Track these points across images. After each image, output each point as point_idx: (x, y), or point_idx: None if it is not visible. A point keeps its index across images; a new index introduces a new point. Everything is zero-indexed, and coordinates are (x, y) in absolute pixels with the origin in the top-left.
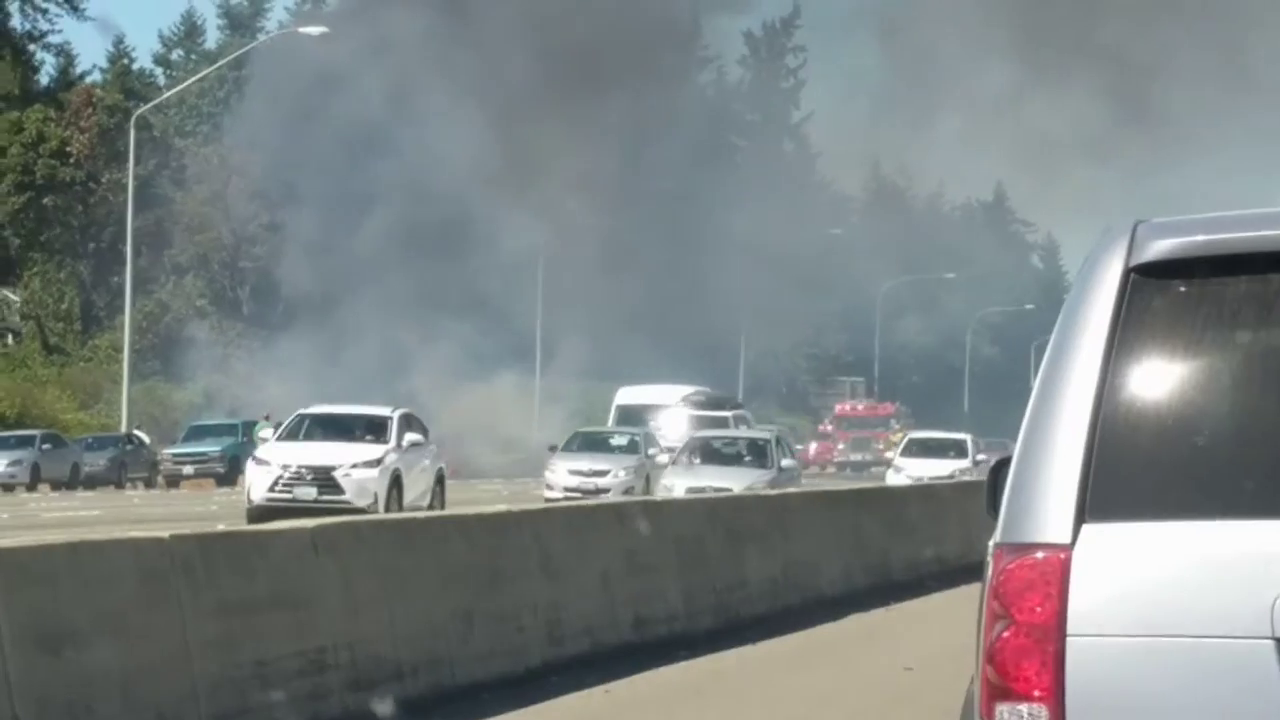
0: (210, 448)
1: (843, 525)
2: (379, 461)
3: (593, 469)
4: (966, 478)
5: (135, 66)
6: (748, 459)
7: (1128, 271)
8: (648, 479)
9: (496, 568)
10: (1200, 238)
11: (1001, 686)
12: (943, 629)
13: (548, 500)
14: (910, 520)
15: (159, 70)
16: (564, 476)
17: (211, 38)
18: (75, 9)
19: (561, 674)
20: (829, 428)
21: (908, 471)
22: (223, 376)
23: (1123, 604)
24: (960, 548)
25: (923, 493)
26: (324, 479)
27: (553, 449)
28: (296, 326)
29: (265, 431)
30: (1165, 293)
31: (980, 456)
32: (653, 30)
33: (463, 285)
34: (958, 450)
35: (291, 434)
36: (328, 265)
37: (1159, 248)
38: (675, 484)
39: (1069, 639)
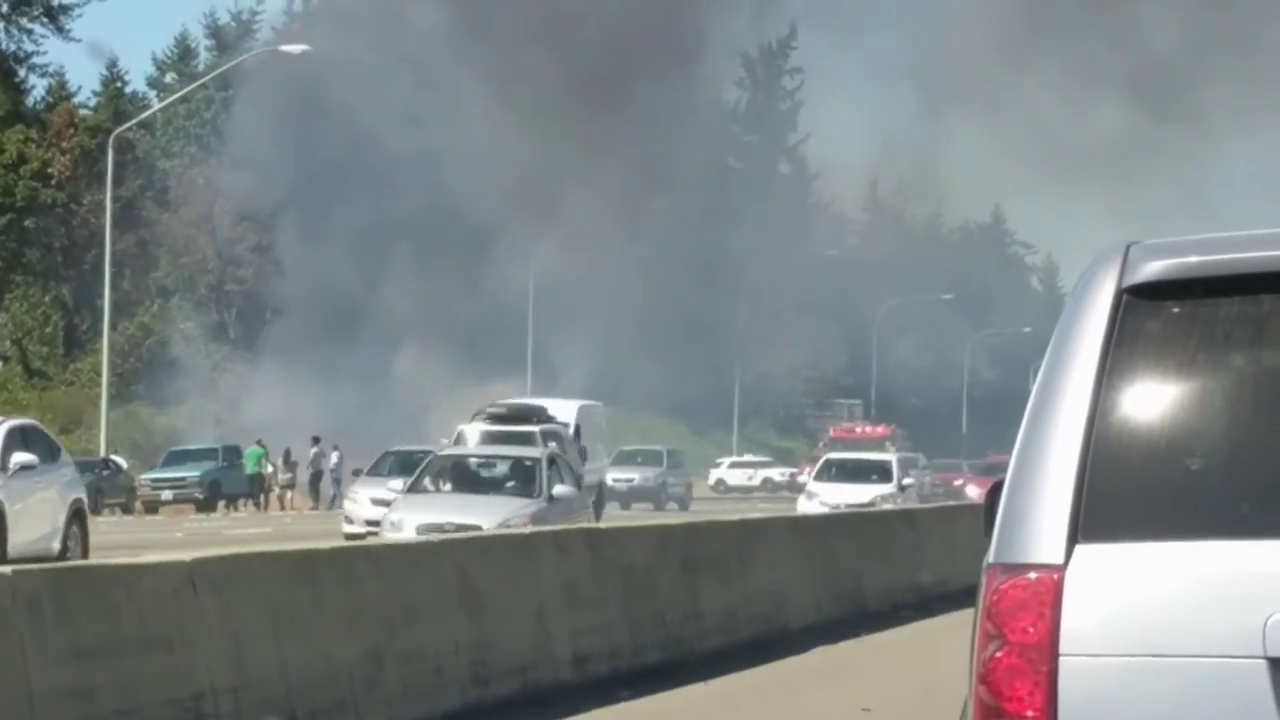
0: (189, 473)
1: (813, 552)
2: None
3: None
4: (889, 505)
5: (129, 90)
6: (510, 485)
7: (1120, 293)
8: None
9: (411, 603)
10: (1193, 259)
11: (994, 707)
12: (912, 663)
13: (347, 536)
14: (887, 546)
15: (153, 93)
16: (366, 507)
17: (202, 59)
18: (61, 30)
19: (486, 717)
20: (823, 451)
21: (822, 498)
22: (208, 400)
23: (1115, 624)
24: (941, 574)
25: (902, 517)
26: None
27: (357, 473)
28: (285, 348)
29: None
30: (1158, 314)
31: (907, 480)
32: (652, 52)
33: (457, 306)
34: (881, 474)
35: None
36: (319, 285)
37: (1151, 269)
38: (404, 519)
39: (1061, 659)
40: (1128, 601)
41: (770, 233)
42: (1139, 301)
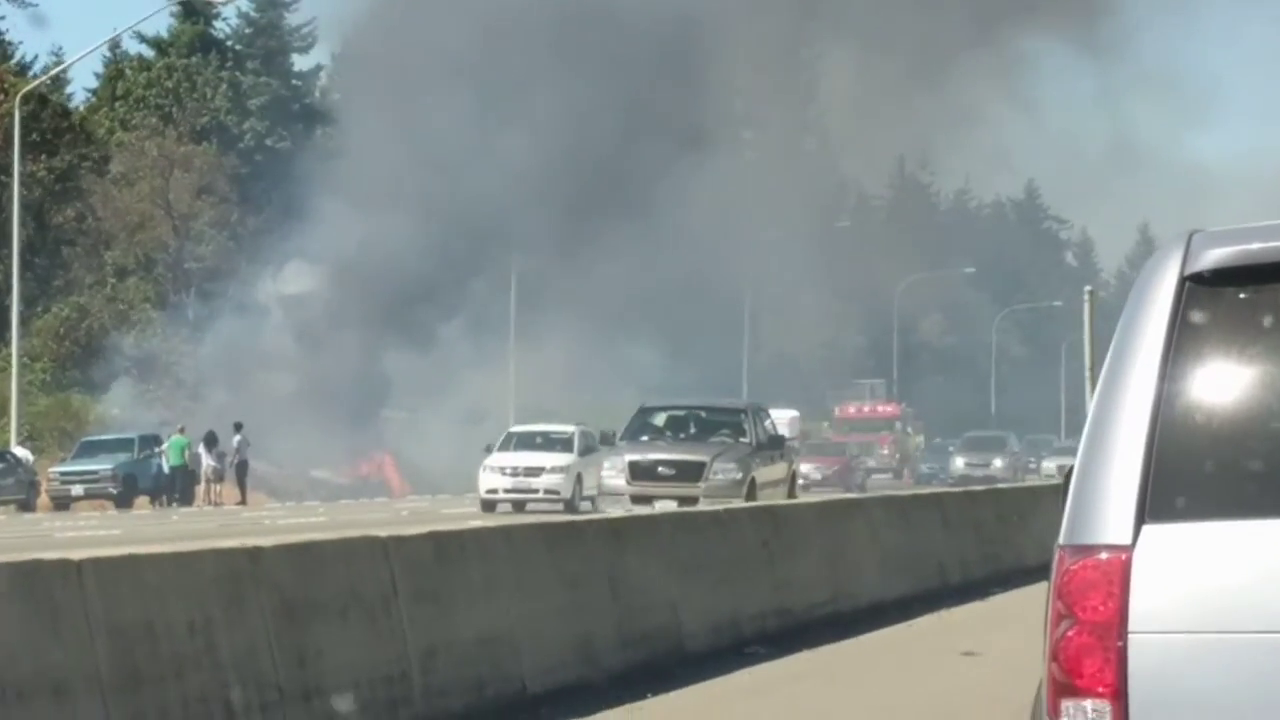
0: (102, 465)
1: (589, 573)
2: None
3: None
4: None
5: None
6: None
7: (1183, 280)
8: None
9: None
10: (1255, 246)
11: (1066, 684)
12: None
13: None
14: (730, 559)
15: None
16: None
17: (167, 26)
18: None
19: None
20: (830, 432)
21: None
22: (152, 387)
23: (1183, 602)
24: (826, 592)
25: (757, 516)
26: None
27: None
28: (245, 333)
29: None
30: (1220, 300)
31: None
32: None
33: (438, 286)
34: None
35: None
36: (294, 264)
37: (1213, 256)
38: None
39: (1131, 636)
40: (1195, 579)
41: (787, 208)
42: (1201, 288)
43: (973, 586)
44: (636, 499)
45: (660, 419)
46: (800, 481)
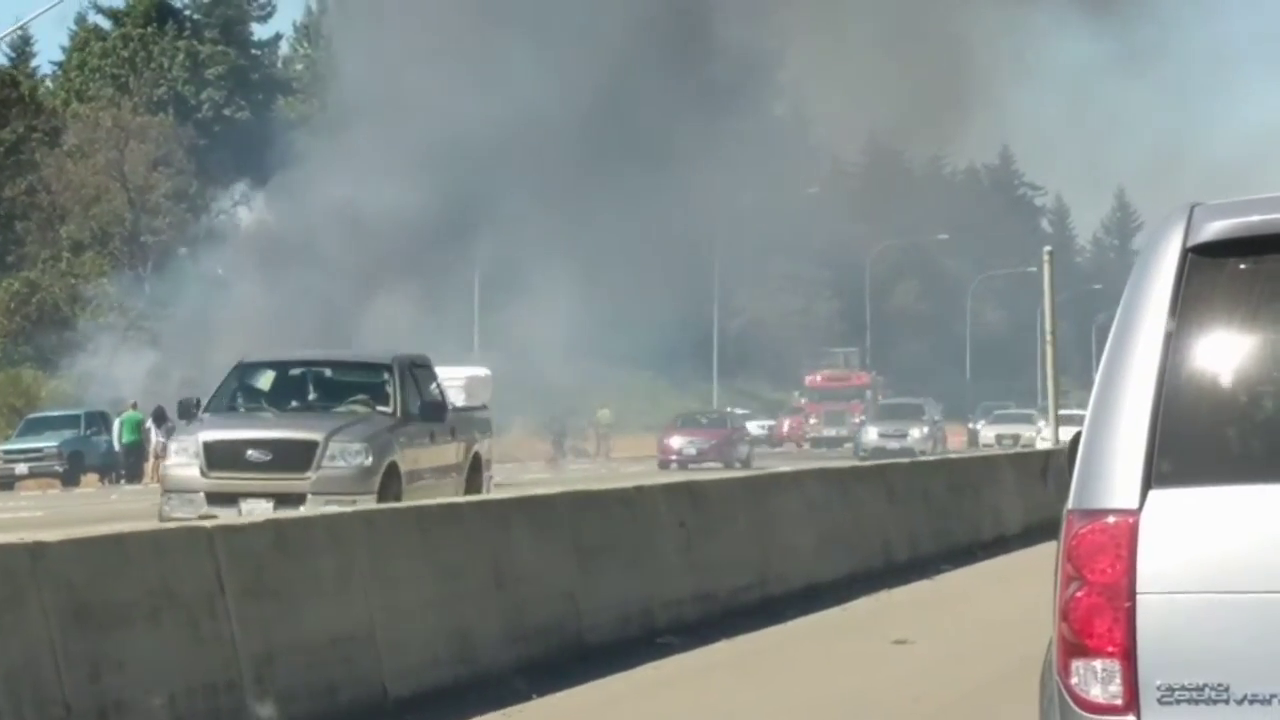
0: (47, 443)
1: (454, 560)
2: None
3: None
4: None
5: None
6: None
7: (1185, 251)
8: None
9: None
10: (1255, 218)
11: (1076, 644)
12: None
13: None
14: (635, 538)
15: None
16: None
17: None
18: None
19: None
20: (801, 401)
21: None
22: (105, 362)
23: (1189, 564)
24: (752, 574)
25: (673, 492)
26: None
27: None
28: (205, 304)
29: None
30: (1222, 271)
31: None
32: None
33: (402, 260)
34: None
35: None
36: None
37: (1215, 228)
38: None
39: (1139, 597)
40: (1200, 542)
41: (757, 175)
42: (1204, 259)
43: (921, 564)
44: (214, 497)
45: (263, 380)
46: (674, 458)
